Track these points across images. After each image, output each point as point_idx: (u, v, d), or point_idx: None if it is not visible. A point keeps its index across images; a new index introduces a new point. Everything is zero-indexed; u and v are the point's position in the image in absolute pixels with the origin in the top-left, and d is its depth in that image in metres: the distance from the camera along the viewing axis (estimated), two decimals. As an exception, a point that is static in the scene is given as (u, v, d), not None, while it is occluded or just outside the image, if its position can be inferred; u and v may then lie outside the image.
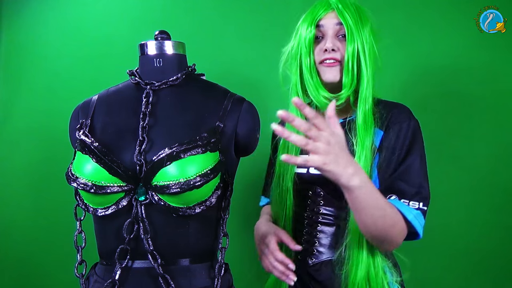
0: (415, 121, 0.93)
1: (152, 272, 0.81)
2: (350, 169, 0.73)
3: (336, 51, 0.94)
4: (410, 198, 0.88)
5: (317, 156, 0.69)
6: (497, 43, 1.37)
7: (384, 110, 0.94)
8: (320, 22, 0.96)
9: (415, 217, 0.87)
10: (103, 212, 0.81)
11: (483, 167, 1.40)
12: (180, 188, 0.76)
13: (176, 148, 0.78)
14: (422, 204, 0.88)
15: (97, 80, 1.03)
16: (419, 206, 0.88)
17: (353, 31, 0.93)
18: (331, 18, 0.96)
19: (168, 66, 0.90)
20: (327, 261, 0.96)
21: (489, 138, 1.40)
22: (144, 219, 0.80)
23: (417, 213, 0.87)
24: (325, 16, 0.96)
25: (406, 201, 0.88)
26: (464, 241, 1.41)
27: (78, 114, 0.91)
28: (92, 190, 0.78)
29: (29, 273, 1.54)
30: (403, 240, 0.88)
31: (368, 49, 0.93)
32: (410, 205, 0.87)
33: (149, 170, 0.78)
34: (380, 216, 0.81)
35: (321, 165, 0.70)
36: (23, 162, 1.54)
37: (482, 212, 1.40)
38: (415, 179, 0.89)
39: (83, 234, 0.87)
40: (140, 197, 0.80)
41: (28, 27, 1.52)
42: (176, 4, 1.48)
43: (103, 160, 0.78)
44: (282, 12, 1.45)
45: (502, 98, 1.38)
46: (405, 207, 0.87)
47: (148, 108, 0.85)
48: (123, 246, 0.80)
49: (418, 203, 0.88)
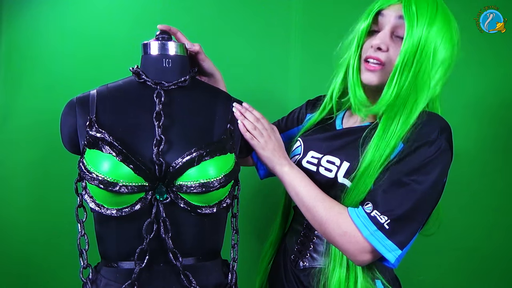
0: (443, 142, 0.79)
1: (171, 271, 0.82)
2: (284, 160, 0.91)
3: (383, 51, 0.81)
4: (382, 212, 0.77)
5: (261, 139, 0.90)
6: (497, 43, 1.37)
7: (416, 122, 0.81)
8: (382, 11, 0.82)
9: (371, 233, 0.77)
10: (120, 212, 0.79)
11: (483, 167, 1.40)
12: (202, 188, 0.78)
13: (203, 149, 0.80)
14: (388, 222, 0.76)
15: (97, 80, 1.02)
16: (383, 223, 0.76)
17: (414, 23, 0.76)
18: (394, 11, 0.81)
19: (174, 67, 0.90)
20: (319, 269, 0.91)
21: (488, 137, 1.40)
22: (165, 219, 0.80)
23: (374, 230, 0.77)
24: (389, 7, 0.82)
25: (377, 213, 0.78)
26: (464, 241, 1.41)
27: (74, 109, 0.86)
28: (114, 189, 0.75)
29: (29, 273, 1.54)
30: (356, 252, 0.79)
31: (430, 54, 0.77)
32: (378, 218, 0.77)
33: (177, 170, 0.79)
34: (310, 209, 0.85)
35: (261, 148, 0.90)
36: (23, 162, 1.53)
37: (483, 213, 1.40)
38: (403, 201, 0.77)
39: (86, 237, 0.86)
40: (161, 196, 0.80)
41: (28, 27, 1.52)
42: (176, 4, 1.48)
43: (129, 158, 0.77)
44: (283, 13, 1.44)
45: (501, 98, 1.38)
46: (360, 218, 0.78)
47: (160, 107, 0.85)
48: (143, 246, 0.80)
49: (386, 218, 0.76)
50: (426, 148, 0.78)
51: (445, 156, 0.79)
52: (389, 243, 0.77)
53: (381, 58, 0.82)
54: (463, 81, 1.40)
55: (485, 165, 1.40)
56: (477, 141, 1.40)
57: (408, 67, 0.78)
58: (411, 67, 0.78)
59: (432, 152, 0.77)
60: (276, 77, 1.43)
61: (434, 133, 0.79)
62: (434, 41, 0.78)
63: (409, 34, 0.77)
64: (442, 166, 0.79)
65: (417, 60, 0.77)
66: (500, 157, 1.39)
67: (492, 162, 1.40)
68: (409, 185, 0.77)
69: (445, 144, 0.79)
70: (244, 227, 1.45)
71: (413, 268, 0.98)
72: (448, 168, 0.82)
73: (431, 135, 0.79)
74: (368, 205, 0.79)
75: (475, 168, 1.40)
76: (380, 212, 0.77)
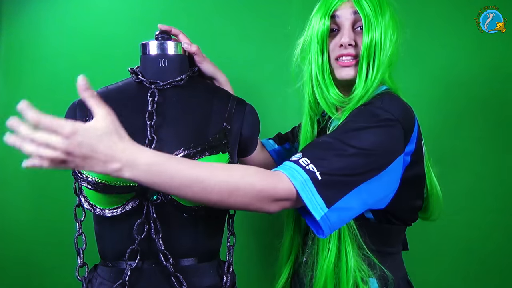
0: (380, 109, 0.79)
1: (163, 272, 0.81)
2: (116, 164, 0.62)
3: (353, 46, 0.85)
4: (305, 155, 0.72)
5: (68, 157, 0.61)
6: (497, 43, 1.37)
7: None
8: (336, 12, 0.86)
9: (301, 182, 0.69)
10: (112, 213, 0.79)
11: (483, 167, 1.40)
12: None
13: (192, 149, 0.79)
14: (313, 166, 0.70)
15: (97, 80, 1.02)
16: (310, 168, 0.70)
17: (371, 20, 0.82)
18: (347, 8, 0.86)
19: (171, 66, 0.90)
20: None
21: (489, 137, 1.40)
22: (156, 219, 0.80)
23: (306, 178, 0.69)
24: (341, 6, 0.86)
25: (299, 155, 0.72)
26: (464, 242, 1.41)
27: (75, 112, 0.88)
28: (104, 190, 0.76)
29: (29, 273, 1.54)
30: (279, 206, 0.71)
31: (386, 40, 0.83)
32: (301, 161, 0.71)
33: None
34: (200, 190, 0.66)
35: (58, 164, 0.62)
36: (23, 162, 1.54)
37: (483, 213, 1.40)
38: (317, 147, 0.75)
39: (83, 236, 0.87)
40: (151, 197, 0.80)
41: (28, 27, 1.52)
42: (176, 4, 1.48)
43: None
44: (283, 13, 1.44)
45: (501, 98, 1.38)
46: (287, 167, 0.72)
47: (154, 107, 0.85)
48: (134, 246, 0.80)
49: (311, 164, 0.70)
50: (361, 116, 0.79)
51: (387, 127, 0.77)
52: (318, 197, 0.70)
53: (353, 53, 0.85)
54: (463, 81, 1.40)
55: (484, 165, 1.40)
56: (477, 141, 1.40)
57: (372, 55, 0.83)
58: (374, 56, 0.83)
59: (371, 121, 0.77)
60: (276, 77, 1.43)
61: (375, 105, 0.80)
62: (389, 28, 0.85)
63: (367, 26, 0.83)
64: (379, 134, 0.76)
65: (377, 49, 0.83)
66: (500, 157, 1.39)
67: (492, 162, 1.40)
68: (338, 146, 0.74)
69: (386, 115, 0.78)
70: (243, 228, 1.45)
71: (413, 268, 0.97)
72: (393, 140, 0.78)
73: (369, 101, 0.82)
74: (297, 155, 0.74)
75: (474, 168, 1.40)
76: (309, 160, 0.71)
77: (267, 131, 1.19)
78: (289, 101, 1.42)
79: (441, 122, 1.41)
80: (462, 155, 1.41)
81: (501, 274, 1.39)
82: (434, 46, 1.41)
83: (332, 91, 0.87)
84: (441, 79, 1.41)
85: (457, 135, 1.41)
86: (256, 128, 0.95)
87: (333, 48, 0.87)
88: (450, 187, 1.41)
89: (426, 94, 1.41)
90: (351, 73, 0.86)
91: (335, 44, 0.87)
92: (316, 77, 0.88)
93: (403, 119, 0.80)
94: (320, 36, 0.86)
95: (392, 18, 0.86)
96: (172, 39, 0.94)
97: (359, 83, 0.84)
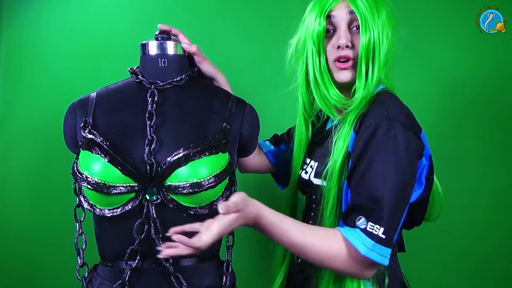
0: (387, 122, 0.76)
1: (163, 272, 0.81)
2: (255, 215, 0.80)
3: (350, 47, 0.84)
4: (367, 217, 0.74)
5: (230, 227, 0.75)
6: (497, 43, 1.37)
7: (365, 107, 0.83)
8: (331, 12, 0.84)
9: (370, 249, 0.72)
10: (112, 213, 0.79)
11: (483, 167, 1.40)
12: (193, 188, 0.77)
13: (191, 149, 0.79)
14: (377, 227, 0.72)
15: (97, 80, 1.02)
16: (377, 233, 0.72)
17: (368, 19, 0.81)
18: (343, 8, 0.84)
19: (171, 66, 0.90)
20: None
21: (489, 137, 1.40)
22: (156, 219, 0.80)
23: (373, 244, 0.72)
24: (336, 6, 0.84)
25: (364, 222, 0.74)
26: (465, 241, 1.41)
27: (75, 112, 0.88)
28: (104, 190, 0.76)
29: (29, 273, 1.54)
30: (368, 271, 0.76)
31: (384, 39, 0.82)
32: (368, 228, 0.73)
33: (164, 170, 0.78)
34: (304, 252, 0.76)
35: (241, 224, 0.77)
36: (23, 162, 1.54)
37: (483, 212, 1.40)
38: (370, 191, 0.74)
39: (83, 236, 0.87)
40: (151, 197, 0.80)
41: (28, 27, 1.52)
42: (176, 4, 1.49)
43: (116, 159, 0.77)
44: (283, 13, 1.44)
45: (501, 98, 1.38)
46: (357, 237, 0.73)
47: (153, 107, 0.84)
48: (134, 246, 0.80)
49: (375, 226, 0.73)
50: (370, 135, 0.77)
51: (400, 137, 0.75)
52: (386, 250, 0.74)
53: (351, 55, 0.84)
54: (464, 81, 1.40)
55: (485, 165, 1.40)
56: (477, 141, 1.40)
57: (370, 55, 0.82)
58: (373, 56, 0.82)
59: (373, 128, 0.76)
60: (276, 78, 1.43)
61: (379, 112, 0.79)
62: (386, 26, 0.84)
63: (364, 26, 0.81)
64: (406, 160, 0.76)
65: (376, 48, 0.82)
66: (500, 157, 1.39)
67: (492, 162, 1.40)
68: (372, 176, 0.75)
69: (388, 121, 0.77)
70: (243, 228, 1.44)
71: (413, 268, 0.97)
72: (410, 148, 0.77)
73: (375, 116, 0.79)
74: (361, 219, 0.75)
75: (475, 168, 1.40)
76: (373, 222, 0.74)
77: (267, 131, 1.19)
78: (288, 101, 1.42)
79: (441, 122, 1.41)
80: (462, 155, 1.41)
81: (501, 274, 1.39)
82: (434, 46, 1.41)
83: (333, 92, 0.86)
84: (441, 79, 1.42)
85: (457, 135, 1.41)
86: (256, 128, 0.95)
87: (330, 50, 0.86)
88: (450, 187, 1.41)
89: (426, 94, 1.41)
90: (349, 75, 0.85)
91: (332, 46, 0.85)
92: (315, 79, 0.87)
93: (410, 121, 0.81)
94: (316, 37, 0.85)
95: (388, 16, 0.85)
96: (172, 39, 0.94)
97: (360, 85, 0.83)
